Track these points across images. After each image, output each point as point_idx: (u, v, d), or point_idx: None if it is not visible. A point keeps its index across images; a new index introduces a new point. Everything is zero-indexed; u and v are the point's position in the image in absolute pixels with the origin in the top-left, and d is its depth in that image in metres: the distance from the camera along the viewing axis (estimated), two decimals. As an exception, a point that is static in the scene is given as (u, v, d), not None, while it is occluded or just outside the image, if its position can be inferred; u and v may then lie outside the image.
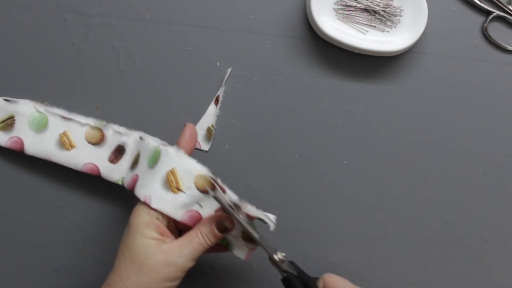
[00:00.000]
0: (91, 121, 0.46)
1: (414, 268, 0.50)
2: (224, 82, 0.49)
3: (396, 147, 0.51)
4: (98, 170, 0.46)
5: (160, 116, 0.49)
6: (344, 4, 0.50)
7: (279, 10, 0.50)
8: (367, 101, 0.51)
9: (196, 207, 0.41)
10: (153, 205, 0.39)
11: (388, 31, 0.50)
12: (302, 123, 0.50)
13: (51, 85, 0.49)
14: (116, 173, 0.46)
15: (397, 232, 0.50)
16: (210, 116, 0.49)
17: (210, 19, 0.50)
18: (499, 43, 0.52)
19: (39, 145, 0.46)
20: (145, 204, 0.39)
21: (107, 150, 0.46)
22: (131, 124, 0.48)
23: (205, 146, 0.49)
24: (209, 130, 0.49)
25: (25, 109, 0.46)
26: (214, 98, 0.49)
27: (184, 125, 0.43)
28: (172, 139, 0.49)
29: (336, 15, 0.50)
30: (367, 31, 0.50)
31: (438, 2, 0.51)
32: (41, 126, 0.46)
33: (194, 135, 0.43)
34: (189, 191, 0.40)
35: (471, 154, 0.51)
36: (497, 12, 0.52)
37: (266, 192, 0.49)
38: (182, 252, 0.38)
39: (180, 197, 0.40)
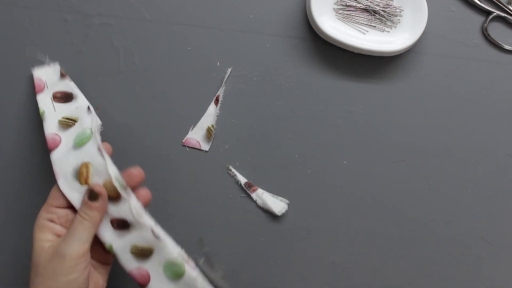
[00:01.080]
0: (114, 172, 0.40)
1: (414, 268, 0.50)
2: (224, 82, 0.49)
3: (396, 147, 0.51)
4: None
5: (160, 116, 0.49)
6: (344, 4, 0.50)
7: (279, 10, 0.50)
8: (367, 101, 0.51)
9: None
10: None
11: (388, 31, 0.50)
12: (302, 123, 0.50)
13: (51, 85, 0.49)
14: (110, 237, 0.41)
15: (397, 232, 0.50)
16: (210, 116, 0.49)
17: (210, 19, 0.50)
18: (499, 43, 0.52)
19: (64, 160, 0.42)
20: (45, 209, 0.40)
21: (114, 211, 0.40)
22: (131, 124, 0.48)
23: (205, 146, 0.49)
24: (209, 130, 0.49)
25: (86, 122, 0.43)
26: (214, 98, 0.49)
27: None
28: (172, 139, 0.49)
29: (336, 15, 0.50)
30: (367, 31, 0.50)
31: (438, 2, 0.51)
32: (80, 144, 0.42)
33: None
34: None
35: (471, 154, 0.51)
36: (497, 12, 0.52)
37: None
38: (68, 239, 0.37)
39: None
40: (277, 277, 0.49)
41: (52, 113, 0.44)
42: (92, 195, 0.39)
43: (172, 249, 0.40)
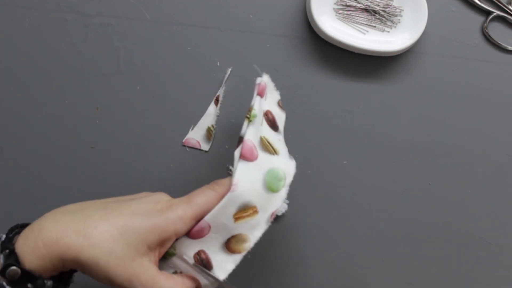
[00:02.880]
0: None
1: (414, 268, 0.50)
2: (224, 82, 0.49)
3: (396, 147, 0.51)
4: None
5: (160, 116, 0.49)
6: (344, 4, 0.50)
7: (279, 10, 0.50)
8: (367, 101, 0.51)
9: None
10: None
11: (388, 31, 0.50)
12: (302, 123, 0.50)
13: (51, 85, 0.49)
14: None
15: (397, 232, 0.50)
16: (210, 116, 0.49)
17: (210, 19, 0.50)
18: (499, 43, 0.52)
19: (252, 179, 0.37)
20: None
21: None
22: (131, 124, 0.48)
23: (205, 146, 0.49)
24: (209, 130, 0.49)
25: (284, 164, 0.39)
26: (214, 98, 0.49)
27: None
28: (172, 139, 0.49)
29: (336, 15, 0.50)
30: (367, 31, 0.50)
31: (438, 2, 0.51)
32: (270, 186, 0.37)
33: None
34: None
35: (471, 154, 0.51)
36: (497, 12, 0.52)
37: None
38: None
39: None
40: (277, 277, 0.49)
41: (258, 125, 0.39)
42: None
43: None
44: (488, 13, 0.52)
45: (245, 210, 0.36)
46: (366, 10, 0.50)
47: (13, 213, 0.48)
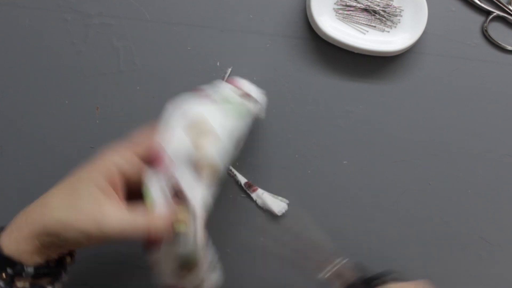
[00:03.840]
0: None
1: (414, 268, 0.50)
2: (224, 82, 0.49)
3: (396, 147, 0.51)
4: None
5: (160, 116, 0.49)
6: (344, 4, 0.50)
7: (279, 10, 0.50)
8: (367, 101, 0.51)
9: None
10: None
11: (388, 31, 0.50)
12: (302, 123, 0.50)
13: (51, 85, 0.49)
14: None
15: (397, 232, 0.50)
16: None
17: (210, 19, 0.50)
18: (499, 43, 0.52)
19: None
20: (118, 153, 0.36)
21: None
22: (132, 124, 0.48)
23: None
24: None
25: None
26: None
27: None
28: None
29: (336, 15, 0.50)
30: (367, 31, 0.50)
31: (438, 2, 0.51)
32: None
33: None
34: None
35: (471, 154, 0.51)
36: (497, 12, 0.52)
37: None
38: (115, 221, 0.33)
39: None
40: (277, 277, 0.49)
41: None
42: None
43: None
44: (488, 13, 0.52)
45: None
46: (366, 10, 0.50)
47: (13, 213, 0.48)
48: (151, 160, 0.36)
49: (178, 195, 0.35)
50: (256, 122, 0.50)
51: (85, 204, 0.34)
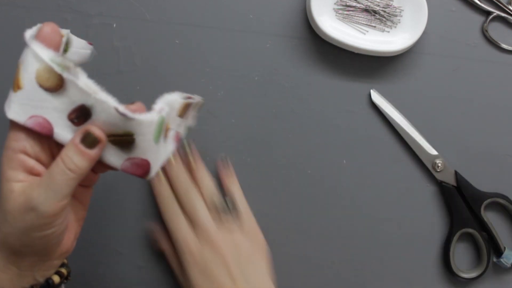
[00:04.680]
0: (47, 55, 0.30)
1: (414, 268, 0.50)
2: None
3: (396, 147, 0.51)
4: (51, 128, 0.31)
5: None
6: (344, 4, 0.50)
7: (279, 10, 0.50)
8: (367, 101, 0.51)
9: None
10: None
11: (388, 31, 0.50)
12: (302, 123, 0.50)
13: (51, 85, 0.49)
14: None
15: (398, 232, 0.50)
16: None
17: (210, 19, 0.50)
18: (499, 43, 0.52)
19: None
20: (12, 135, 0.31)
21: (66, 103, 0.31)
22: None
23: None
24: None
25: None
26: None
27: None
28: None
29: (336, 15, 0.50)
30: (367, 31, 0.50)
31: (438, 2, 0.51)
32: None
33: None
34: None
35: (471, 154, 0.51)
36: (497, 12, 0.52)
37: (266, 192, 0.49)
38: (44, 191, 0.29)
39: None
40: (277, 277, 0.49)
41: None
42: (88, 139, 0.30)
43: (147, 120, 0.31)
44: (488, 13, 0.52)
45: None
46: (366, 10, 0.50)
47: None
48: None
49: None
50: (255, 122, 0.50)
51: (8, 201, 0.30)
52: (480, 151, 0.51)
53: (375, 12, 0.50)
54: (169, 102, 0.34)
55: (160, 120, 0.32)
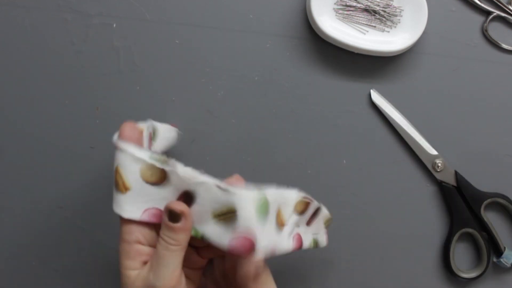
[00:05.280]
0: (145, 155, 0.34)
1: (415, 268, 0.50)
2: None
3: (396, 147, 0.51)
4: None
5: (161, 117, 0.49)
6: (344, 4, 0.50)
7: (279, 10, 0.50)
8: (367, 101, 0.51)
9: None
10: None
11: (388, 31, 0.50)
12: (302, 123, 0.50)
13: (51, 85, 0.49)
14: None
15: (398, 232, 0.50)
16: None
17: (210, 19, 0.50)
18: (499, 43, 0.52)
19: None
20: (126, 229, 0.34)
21: (172, 191, 0.35)
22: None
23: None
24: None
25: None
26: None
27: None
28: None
29: (336, 15, 0.50)
30: (367, 31, 0.50)
31: (438, 2, 0.51)
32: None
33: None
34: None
35: (471, 154, 0.51)
36: (497, 12, 0.52)
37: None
38: (157, 269, 0.32)
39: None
40: (277, 277, 0.49)
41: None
42: (172, 216, 0.33)
43: (248, 195, 0.33)
44: (488, 13, 0.52)
45: None
46: (366, 10, 0.50)
47: (13, 213, 0.48)
48: None
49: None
50: (255, 122, 0.50)
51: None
52: (480, 151, 0.51)
53: (375, 12, 0.50)
54: (281, 194, 0.35)
55: (262, 197, 0.34)
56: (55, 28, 0.49)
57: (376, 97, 0.50)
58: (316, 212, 0.38)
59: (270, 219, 0.34)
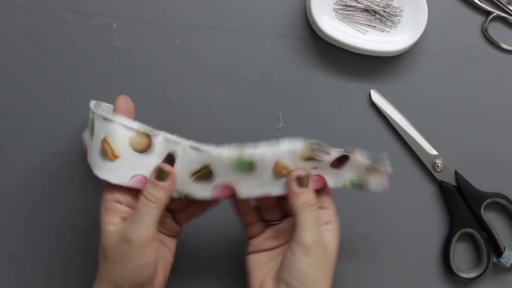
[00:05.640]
0: (136, 125, 0.38)
1: (415, 268, 0.50)
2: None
3: (396, 147, 0.51)
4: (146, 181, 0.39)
5: (160, 117, 0.49)
6: (344, 4, 0.50)
7: (279, 10, 0.50)
8: (367, 101, 0.51)
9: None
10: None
11: (388, 31, 0.50)
12: (302, 123, 0.50)
13: (51, 85, 0.49)
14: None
15: (398, 232, 0.50)
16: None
17: (210, 19, 0.50)
18: (499, 43, 0.52)
19: (91, 152, 0.40)
20: (107, 190, 0.38)
21: (156, 158, 0.39)
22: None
23: None
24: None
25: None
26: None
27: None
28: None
29: (336, 15, 0.50)
30: (367, 31, 0.50)
31: (438, 2, 0.51)
32: (91, 129, 0.40)
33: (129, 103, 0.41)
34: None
35: (471, 154, 0.51)
36: (497, 12, 0.52)
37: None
38: (134, 223, 0.35)
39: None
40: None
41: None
42: (160, 174, 0.37)
43: (221, 152, 0.37)
44: (488, 13, 0.52)
45: None
46: (366, 10, 0.50)
47: (12, 214, 0.48)
48: None
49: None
50: (255, 122, 0.50)
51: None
52: (480, 151, 0.51)
53: (375, 12, 0.50)
54: (276, 150, 0.38)
55: (236, 155, 0.37)
56: (55, 28, 0.49)
57: (376, 97, 0.50)
58: (344, 159, 0.40)
59: (258, 171, 0.38)
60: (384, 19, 0.50)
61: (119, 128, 0.38)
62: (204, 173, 0.38)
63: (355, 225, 0.50)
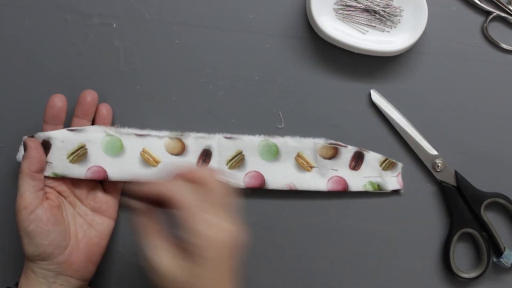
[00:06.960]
0: (167, 133, 0.46)
1: (415, 268, 0.50)
2: None
3: (396, 148, 0.51)
4: None
5: (160, 117, 0.49)
6: (344, 4, 0.50)
7: (279, 10, 0.50)
8: (367, 101, 0.51)
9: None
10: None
11: (388, 31, 0.50)
12: (302, 123, 0.50)
13: (51, 85, 0.49)
14: None
15: (398, 232, 0.50)
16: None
17: (210, 19, 0.50)
18: (499, 43, 0.52)
19: (122, 168, 0.45)
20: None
21: (192, 157, 0.46)
22: (131, 124, 0.48)
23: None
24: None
25: (96, 136, 0.45)
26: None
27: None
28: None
29: (336, 15, 0.50)
30: (367, 31, 0.50)
31: (438, 2, 0.51)
32: (116, 150, 0.45)
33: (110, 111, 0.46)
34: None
35: (471, 154, 0.51)
36: (497, 12, 0.52)
37: (266, 192, 0.49)
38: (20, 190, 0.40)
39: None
40: (277, 277, 0.49)
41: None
42: (25, 148, 0.42)
43: (252, 137, 0.47)
44: (488, 13, 0.52)
45: None
46: (366, 10, 0.50)
47: (12, 213, 0.48)
48: None
49: None
50: (255, 122, 0.50)
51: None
52: (480, 151, 0.51)
53: (375, 12, 0.50)
54: (299, 142, 0.48)
55: (264, 142, 0.47)
56: (55, 28, 0.49)
57: (376, 97, 0.50)
58: (359, 156, 0.47)
59: (283, 159, 0.46)
60: (384, 19, 0.50)
61: (153, 139, 0.46)
62: (238, 159, 0.46)
63: (355, 225, 0.50)
